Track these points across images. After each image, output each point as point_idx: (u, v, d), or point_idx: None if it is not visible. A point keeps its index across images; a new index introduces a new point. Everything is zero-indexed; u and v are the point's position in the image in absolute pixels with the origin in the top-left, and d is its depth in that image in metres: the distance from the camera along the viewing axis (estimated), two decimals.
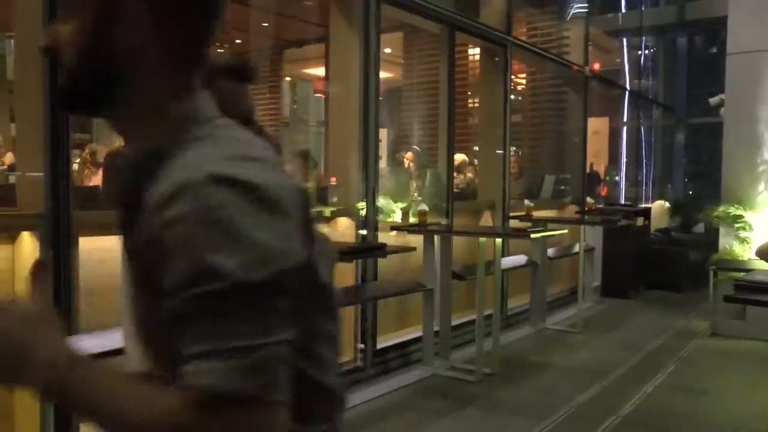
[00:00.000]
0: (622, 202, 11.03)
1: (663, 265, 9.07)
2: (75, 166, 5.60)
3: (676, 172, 15.09)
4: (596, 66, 9.49)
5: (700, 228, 10.94)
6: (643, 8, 12.43)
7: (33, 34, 3.22)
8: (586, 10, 9.06)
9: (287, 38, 9.55)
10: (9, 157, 6.67)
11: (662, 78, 13.77)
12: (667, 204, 12.05)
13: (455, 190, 6.51)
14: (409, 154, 7.21)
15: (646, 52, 13.17)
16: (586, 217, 7.76)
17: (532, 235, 5.36)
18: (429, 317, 5.32)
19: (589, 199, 8.37)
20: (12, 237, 3.28)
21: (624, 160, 11.89)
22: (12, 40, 4.58)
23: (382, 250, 3.91)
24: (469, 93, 8.93)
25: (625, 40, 12.31)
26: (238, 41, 9.82)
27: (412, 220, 5.64)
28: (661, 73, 13.74)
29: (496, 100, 6.96)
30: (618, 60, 12.30)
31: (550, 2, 9.34)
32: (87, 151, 6.54)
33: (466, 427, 4.23)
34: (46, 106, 3.17)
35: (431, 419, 4.34)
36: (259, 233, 0.76)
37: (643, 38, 12.63)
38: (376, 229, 5.15)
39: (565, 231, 6.53)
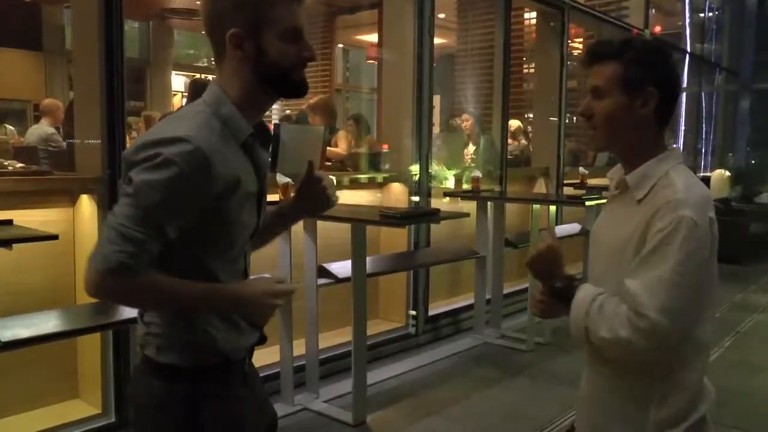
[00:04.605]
0: None
1: (721, 236, 8.70)
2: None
3: (738, 141, 14.59)
4: (657, 29, 9.19)
5: (763, 199, 10.57)
6: None
7: (89, 4, 3.26)
8: None
9: (340, 5, 9.46)
10: None
11: (727, 41, 13.26)
12: (728, 173, 11.68)
13: (509, 157, 6.42)
14: (466, 116, 7.09)
15: (710, 14, 12.69)
16: None
17: (587, 203, 5.24)
18: (481, 285, 5.29)
19: None
20: (72, 200, 3.38)
21: (682, 127, 11.55)
22: (69, 11, 4.65)
23: (435, 215, 3.87)
24: (524, 58, 8.73)
25: (687, 1, 11.88)
26: None
27: (465, 186, 5.59)
28: (726, 36, 13.23)
29: (551, 66, 6.81)
30: (679, 23, 11.89)
31: None
32: (142, 117, 6.66)
33: (517, 396, 4.20)
34: (102, 74, 3.22)
35: (482, 387, 4.33)
36: None
37: None
38: (429, 196, 5.12)
39: None
